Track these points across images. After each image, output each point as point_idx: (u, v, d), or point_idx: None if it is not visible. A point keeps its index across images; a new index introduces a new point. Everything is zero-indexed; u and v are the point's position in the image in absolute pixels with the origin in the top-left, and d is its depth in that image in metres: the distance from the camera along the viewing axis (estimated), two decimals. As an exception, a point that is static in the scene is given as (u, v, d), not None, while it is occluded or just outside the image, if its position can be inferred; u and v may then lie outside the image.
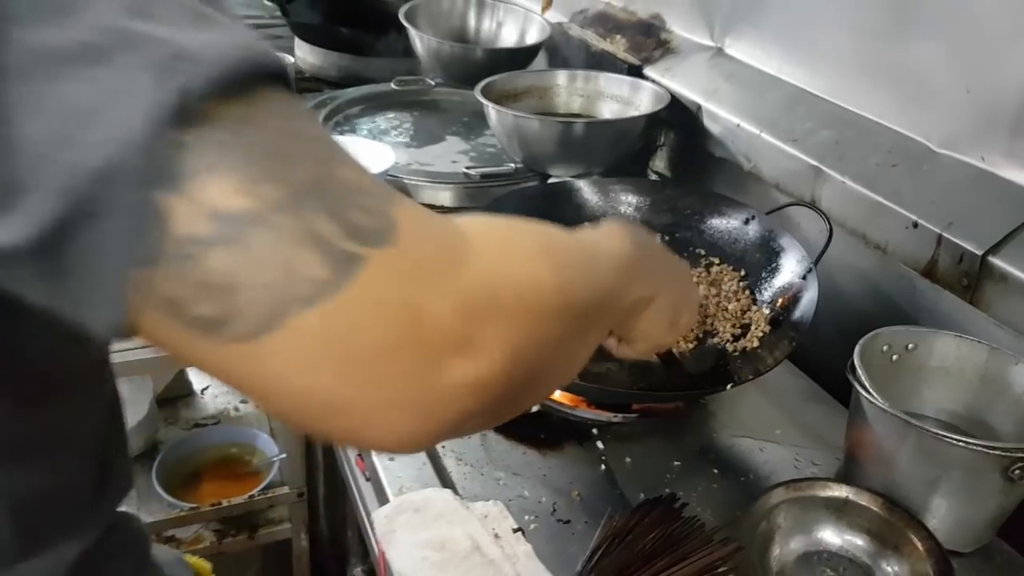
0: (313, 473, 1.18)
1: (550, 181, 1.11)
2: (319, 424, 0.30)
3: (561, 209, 0.97)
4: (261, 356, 0.27)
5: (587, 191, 0.98)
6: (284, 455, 1.18)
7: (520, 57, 1.41)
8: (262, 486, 1.17)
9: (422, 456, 0.73)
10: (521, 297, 0.32)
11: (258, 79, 0.27)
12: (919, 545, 0.66)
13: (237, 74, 0.26)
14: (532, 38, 1.47)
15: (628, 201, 0.97)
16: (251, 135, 0.26)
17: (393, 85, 1.42)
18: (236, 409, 1.35)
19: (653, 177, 1.24)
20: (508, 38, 1.52)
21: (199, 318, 0.26)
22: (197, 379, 1.40)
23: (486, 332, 0.30)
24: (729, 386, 0.74)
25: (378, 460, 0.73)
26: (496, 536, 0.64)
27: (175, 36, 0.26)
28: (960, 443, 0.64)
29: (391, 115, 1.39)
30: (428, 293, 0.29)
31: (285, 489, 1.17)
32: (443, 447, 0.74)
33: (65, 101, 0.25)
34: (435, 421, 0.30)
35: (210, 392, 1.39)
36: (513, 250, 0.33)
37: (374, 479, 0.77)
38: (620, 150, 1.12)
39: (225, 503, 1.14)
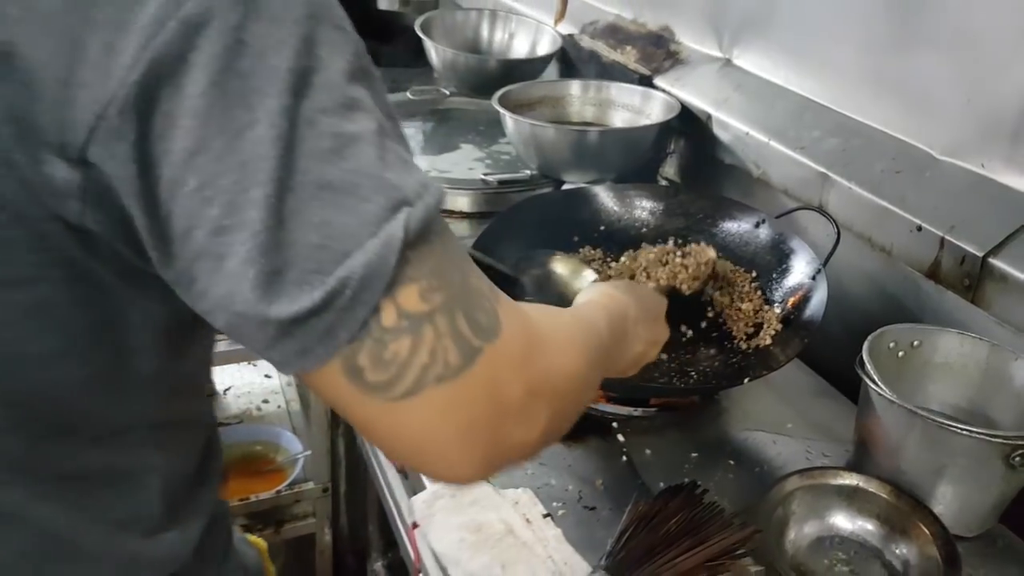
0: (335, 470, 1.22)
1: (565, 187, 1.15)
2: (417, 462, 0.40)
3: (579, 213, 1.01)
4: (399, 412, 0.37)
5: (604, 197, 1.02)
6: (309, 452, 1.22)
7: (532, 67, 1.46)
8: (288, 481, 1.21)
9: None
10: (563, 383, 0.43)
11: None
12: (926, 530, 0.69)
13: (433, 214, 0.36)
14: (543, 49, 1.51)
15: (643, 206, 1.01)
16: (431, 256, 0.36)
17: (408, 95, 1.47)
18: (258, 409, 1.39)
19: (663, 183, 1.28)
20: (520, 49, 1.57)
21: (370, 382, 0.36)
22: (219, 380, 1.43)
23: (539, 409, 0.40)
24: (746, 380, 0.78)
25: (413, 450, 0.77)
26: (527, 521, 0.68)
27: (400, 181, 0.35)
28: (964, 432, 0.68)
29: (407, 124, 1.43)
30: (511, 378, 0.39)
31: (310, 485, 1.21)
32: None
33: (332, 222, 0.34)
34: (494, 468, 0.41)
35: (232, 392, 1.42)
36: (562, 344, 0.45)
37: (408, 470, 0.81)
38: (632, 157, 1.17)
39: (253, 498, 1.17)
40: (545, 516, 0.69)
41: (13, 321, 0.37)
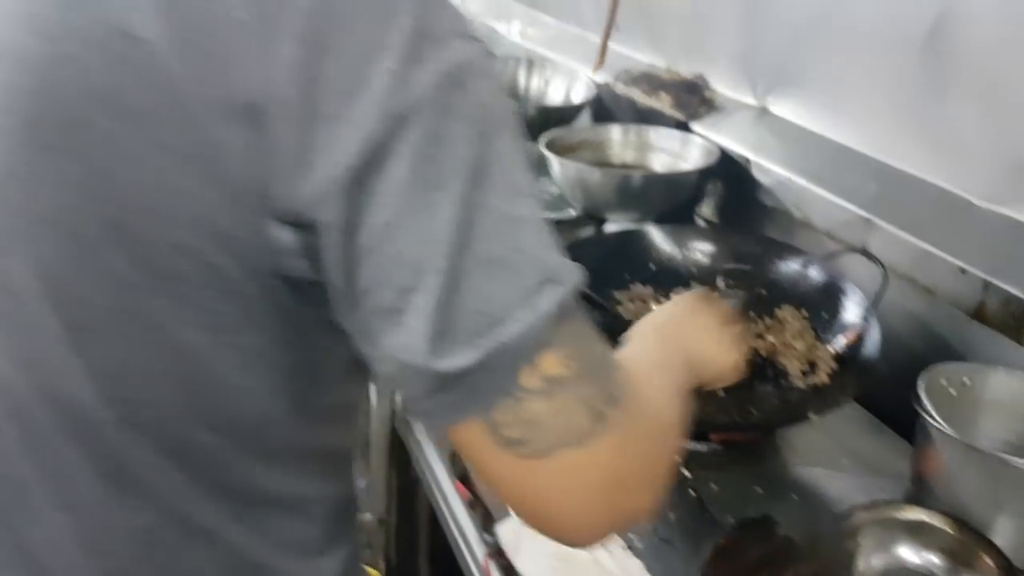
0: (388, 502, 1.24)
1: (617, 228, 1.19)
2: (542, 522, 0.42)
3: (631, 253, 1.05)
4: (533, 472, 0.40)
5: (656, 237, 1.07)
6: (363, 483, 1.24)
7: (569, 113, 1.51)
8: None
9: (532, 479, 0.80)
10: (668, 435, 0.48)
11: None
12: (990, 562, 0.72)
13: (575, 290, 0.40)
14: (578, 96, 1.57)
15: (695, 247, 1.06)
16: (571, 327, 0.40)
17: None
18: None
19: (701, 223, 1.33)
20: (555, 96, 1.63)
21: (506, 437, 0.39)
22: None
23: (654, 469, 0.45)
24: (811, 415, 0.81)
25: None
26: (609, 552, 0.71)
27: (551, 260, 0.40)
28: (1022, 466, 0.71)
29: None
30: (633, 444, 0.43)
31: (367, 516, 1.22)
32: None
33: (493, 292, 0.38)
34: (615, 530, 0.46)
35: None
36: (656, 400, 0.48)
37: (479, 502, 0.83)
38: (673, 199, 1.21)
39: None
40: (624, 548, 0.72)
41: (231, 361, 0.42)
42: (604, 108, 1.54)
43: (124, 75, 0.36)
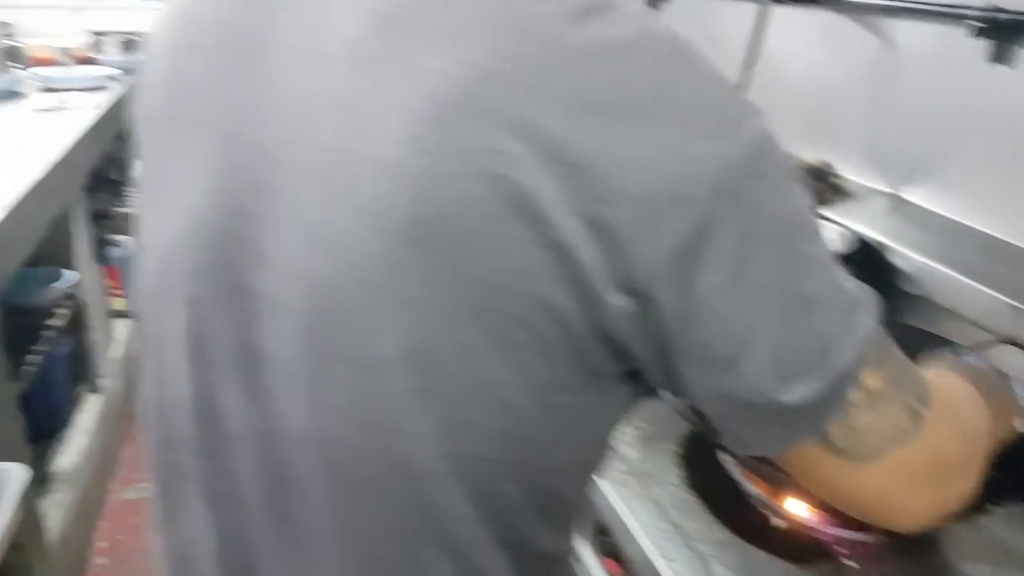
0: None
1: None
2: (874, 515, 0.50)
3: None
4: (865, 473, 0.48)
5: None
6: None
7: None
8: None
9: (698, 565, 0.82)
10: (975, 430, 0.54)
11: None
12: None
13: (877, 311, 0.47)
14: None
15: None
16: (879, 343, 0.47)
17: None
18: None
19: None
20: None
21: (839, 447, 0.47)
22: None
23: (965, 458, 0.52)
24: (987, 506, 0.81)
25: (664, 563, 0.82)
26: (784, 641, 0.71)
27: (850, 287, 0.46)
28: None
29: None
30: (949, 436, 0.50)
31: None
32: (712, 558, 0.83)
33: (817, 328, 0.45)
34: (940, 517, 0.51)
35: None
36: (956, 397, 0.55)
37: (639, 582, 0.85)
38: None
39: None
40: (798, 637, 0.73)
41: (541, 417, 0.47)
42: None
43: (492, 182, 0.41)
